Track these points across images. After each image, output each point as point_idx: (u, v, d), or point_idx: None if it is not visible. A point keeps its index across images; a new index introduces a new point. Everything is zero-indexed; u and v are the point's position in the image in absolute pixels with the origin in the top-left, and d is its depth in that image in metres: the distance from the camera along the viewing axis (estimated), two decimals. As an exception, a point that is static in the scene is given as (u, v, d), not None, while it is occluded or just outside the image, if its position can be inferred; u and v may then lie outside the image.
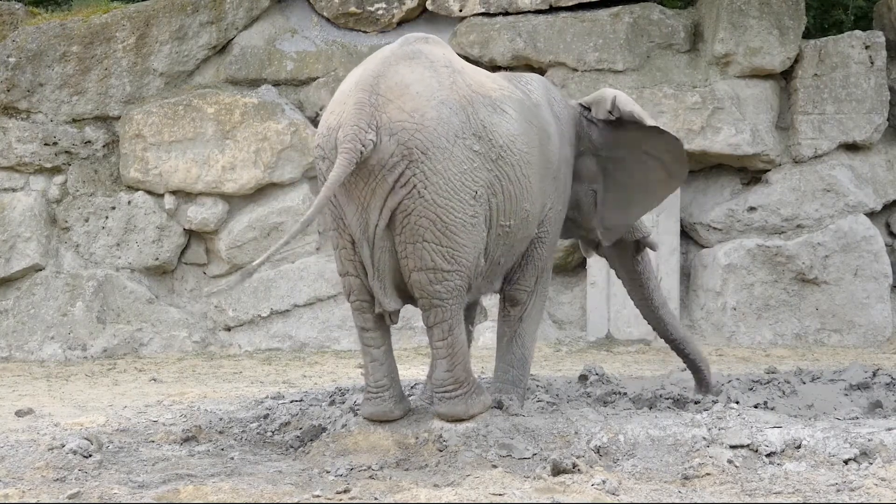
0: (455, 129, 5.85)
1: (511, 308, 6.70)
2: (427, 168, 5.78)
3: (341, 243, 6.04)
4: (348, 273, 6.08)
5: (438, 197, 5.81)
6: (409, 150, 5.77)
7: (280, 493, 5.31)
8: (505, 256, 6.34)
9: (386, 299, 6.01)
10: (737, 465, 5.70)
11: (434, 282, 5.92)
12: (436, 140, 5.79)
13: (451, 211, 5.85)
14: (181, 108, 11.94)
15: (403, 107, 5.81)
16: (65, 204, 11.99)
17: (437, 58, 6.05)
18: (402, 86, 5.86)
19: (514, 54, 12.15)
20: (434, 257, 5.87)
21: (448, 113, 5.86)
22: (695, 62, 12.30)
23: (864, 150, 12.33)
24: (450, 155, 5.82)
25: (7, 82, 11.91)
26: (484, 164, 5.94)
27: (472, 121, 5.92)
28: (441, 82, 5.93)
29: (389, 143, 5.76)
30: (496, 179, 6.01)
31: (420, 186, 5.79)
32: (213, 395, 8.62)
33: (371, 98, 5.82)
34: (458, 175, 5.84)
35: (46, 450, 6.12)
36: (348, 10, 12.30)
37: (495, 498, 5.18)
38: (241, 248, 11.99)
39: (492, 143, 5.97)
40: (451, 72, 6.01)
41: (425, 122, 5.79)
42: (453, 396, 6.08)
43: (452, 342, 6.07)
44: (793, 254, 11.99)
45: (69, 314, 11.69)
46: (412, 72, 5.93)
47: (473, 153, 5.90)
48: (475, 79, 6.15)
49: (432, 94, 5.87)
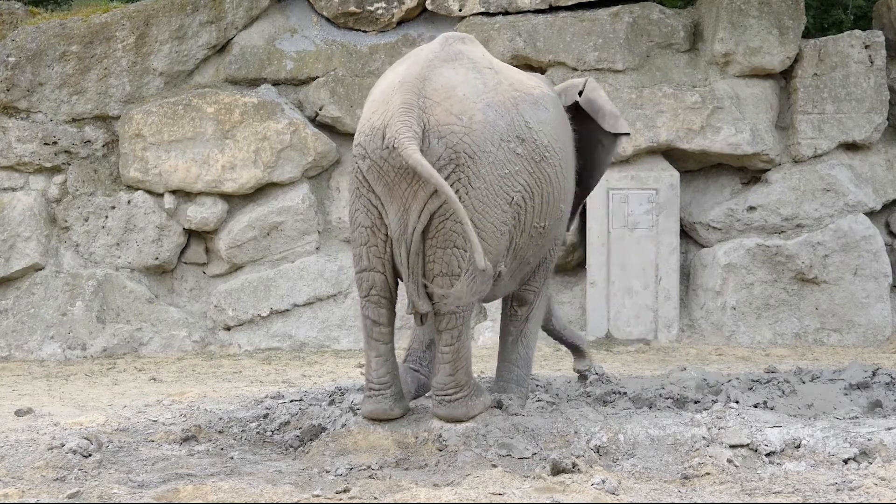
0: (501, 132, 5.81)
1: (518, 308, 6.68)
2: (472, 173, 5.73)
3: (373, 240, 5.95)
4: (373, 269, 6.01)
5: (477, 202, 5.77)
6: (456, 153, 5.72)
7: (280, 493, 5.30)
8: (535, 256, 6.33)
9: (420, 301, 5.97)
10: (736, 465, 5.70)
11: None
12: (483, 144, 5.75)
13: (485, 217, 5.81)
14: (181, 107, 11.94)
15: (451, 109, 5.75)
16: (64, 203, 11.98)
17: (478, 59, 6.01)
18: (448, 88, 5.80)
19: (514, 54, 12.15)
20: (461, 263, 5.84)
21: (494, 116, 5.81)
22: (694, 62, 12.30)
23: (863, 150, 12.33)
24: (494, 159, 5.77)
25: (7, 82, 11.90)
26: (526, 167, 5.91)
27: (516, 123, 5.88)
28: (486, 84, 5.89)
29: (438, 146, 5.70)
30: (536, 182, 5.97)
31: (462, 191, 5.73)
32: (212, 394, 8.62)
33: (418, 100, 5.74)
34: (499, 180, 5.81)
35: (46, 449, 6.12)
36: (348, 10, 12.30)
37: (495, 497, 5.18)
38: (240, 248, 11.99)
39: (536, 144, 5.94)
40: (493, 73, 5.97)
41: (473, 126, 5.74)
42: (454, 400, 6.07)
43: (459, 348, 6.06)
44: (792, 253, 11.99)
45: (69, 314, 11.69)
46: (456, 74, 5.87)
47: (516, 156, 5.86)
48: (516, 77, 6.12)
49: (479, 97, 5.82)
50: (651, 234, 11.88)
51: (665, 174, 12.07)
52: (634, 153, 12.00)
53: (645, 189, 11.83)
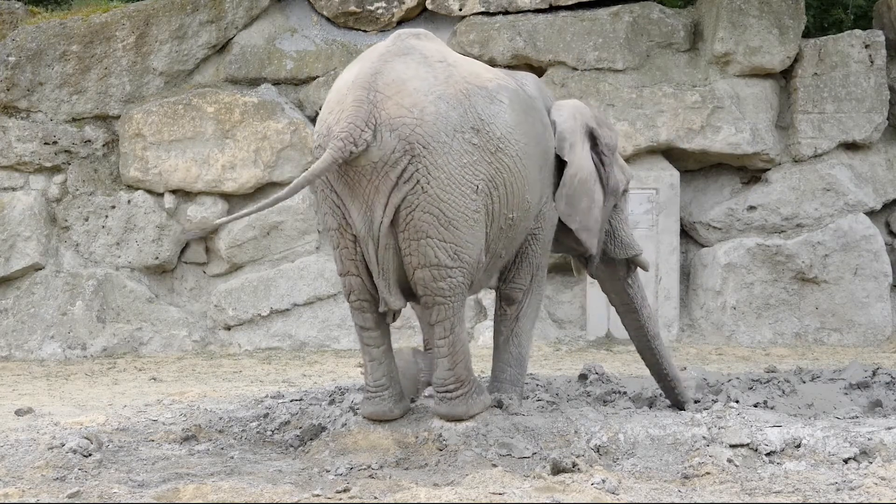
0: (454, 123, 5.86)
1: (507, 307, 6.68)
2: (429, 162, 5.78)
3: (343, 243, 6.03)
4: (349, 273, 6.08)
5: (441, 191, 5.81)
6: (410, 144, 5.77)
7: (280, 493, 5.30)
8: (506, 249, 6.34)
9: (391, 297, 6.00)
10: (737, 465, 5.70)
11: (437, 279, 5.91)
12: (436, 135, 5.80)
13: (453, 205, 5.84)
14: (181, 107, 11.94)
15: (402, 102, 5.82)
16: (64, 203, 11.98)
17: (430, 53, 6.06)
18: (399, 82, 5.87)
19: (514, 53, 12.15)
20: (437, 253, 5.87)
21: (446, 107, 5.86)
22: (694, 61, 12.30)
23: (863, 150, 12.34)
24: (449, 149, 5.82)
25: (7, 81, 11.91)
26: (483, 157, 5.94)
27: (469, 114, 5.92)
28: (437, 77, 5.94)
29: (391, 138, 5.77)
30: (497, 172, 6.00)
31: (423, 181, 5.78)
32: (212, 394, 8.62)
33: (369, 95, 5.82)
34: (459, 169, 5.85)
35: (46, 449, 6.12)
36: (348, 10, 12.30)
37: (495, 497, 5.18)
38: (240, 248, 11.99)
39: (490, 136, 5.97)
40: (445, 66, 6.01)
41: (425, 118, 5.80)
42: (454, 397, 6.07)
43: (454, 341, 6.06)
44: (792, 253, 11.99)
45: (69, 313, 11.69)
46: (408, 68, 5.94)
47: (472, 146, 5.90)
48: (470, 70, 6.14)
49: (430, 89, 5.87)
50: (651, 234, 11.88)
51: (665, 174, 12.07)
52: (634, 153, 12.00)
53: (645, 189, 11.83)
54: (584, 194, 6.66)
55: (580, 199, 6.65)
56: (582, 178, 6.64)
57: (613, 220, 7.09)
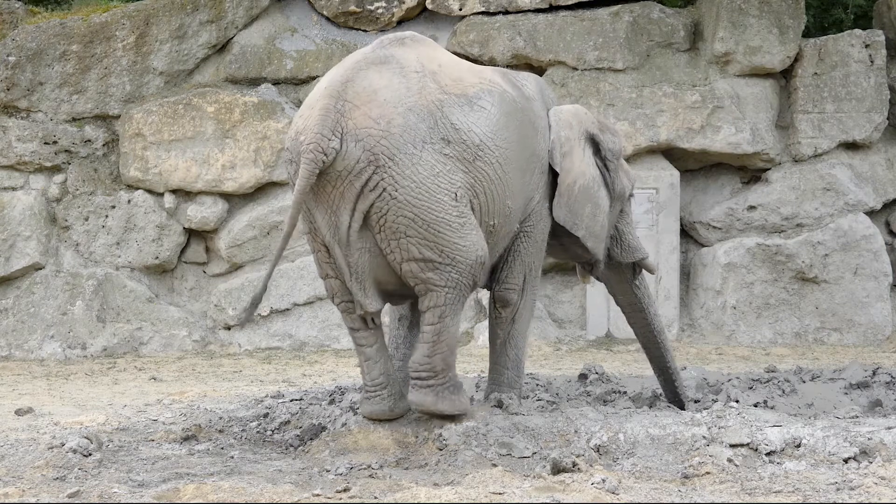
0: (422, 135, 5.82)
1: (502, 310, 6.62)
2: (395, 172, 5.76)
3: (316, 247, 6.04)
4: (328, 275, 6.08)
5: (412, 198, 5.78)
6: (375, 156, 5.75)
7: (280, 492, 5.30)
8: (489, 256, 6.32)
9: (367, 300, 5.98)
10: (737, 464, 5.70)
11: (426, 269, 5.89)
12: (402, 147, 5.77)
13: (429, 211, 5.81)
14: (181, 106, 11.95)
15: (370, 113, 5.79)
16: (65, 203, 11.98)
17: (408, 62, 6.01)
18: (369, 92, 5.85)
19: (514, 53, 12.15)
20: (421, 249, 5.85)
21: (415, 119, 5.82)
22: (694, 61, 12.31)
23: (863, 149, 12.34)
24: (418, 160, 5.78)
25: (7, 81, 11.91)
26: (458, 167, 5.90)
27: (440, 125, 5.87)
28: (410, 88, 5.90)
29: (355, 149, 5.75)
30: (476, 181, 5.97)
31: (390, 189, 5.76)
32: (212, 393, 8.62)
33: (337, 104, 5.80)
34: (431, 178, 5.80)
35: (46, 448, 6.12)
36: (348, 9, 12.30)
37: (495, 497, 5.18)
38: (240, 247, 11.99)
39: (466, 145, 5.93)
40: (420, 76, 5.96)
41: (391, 129, 5.77)
42: (425, 385, 6.01)
43: (441, 329, 6.00)
44: (793, 252, 12.00)
45: (69, 313, 11.69)
46: (381, 77, 5.90)
47: (445, 157, 5.86)
48: (453, 77, 6.08)
49: (400, 101, 5.84)
50: (651, 234, 11.88)
51: (665, 173, 12.07)
52: (635, 152, 12.00)
53: (645, 188, 11.83)
54: (587, 201, 6.64)
55: (583, 206, 6.63)
56: (583, 185, 6.62)
57: (620, 224, 7.09)
